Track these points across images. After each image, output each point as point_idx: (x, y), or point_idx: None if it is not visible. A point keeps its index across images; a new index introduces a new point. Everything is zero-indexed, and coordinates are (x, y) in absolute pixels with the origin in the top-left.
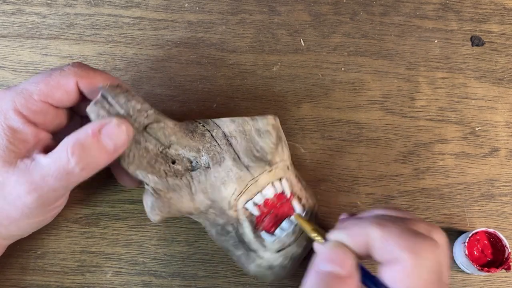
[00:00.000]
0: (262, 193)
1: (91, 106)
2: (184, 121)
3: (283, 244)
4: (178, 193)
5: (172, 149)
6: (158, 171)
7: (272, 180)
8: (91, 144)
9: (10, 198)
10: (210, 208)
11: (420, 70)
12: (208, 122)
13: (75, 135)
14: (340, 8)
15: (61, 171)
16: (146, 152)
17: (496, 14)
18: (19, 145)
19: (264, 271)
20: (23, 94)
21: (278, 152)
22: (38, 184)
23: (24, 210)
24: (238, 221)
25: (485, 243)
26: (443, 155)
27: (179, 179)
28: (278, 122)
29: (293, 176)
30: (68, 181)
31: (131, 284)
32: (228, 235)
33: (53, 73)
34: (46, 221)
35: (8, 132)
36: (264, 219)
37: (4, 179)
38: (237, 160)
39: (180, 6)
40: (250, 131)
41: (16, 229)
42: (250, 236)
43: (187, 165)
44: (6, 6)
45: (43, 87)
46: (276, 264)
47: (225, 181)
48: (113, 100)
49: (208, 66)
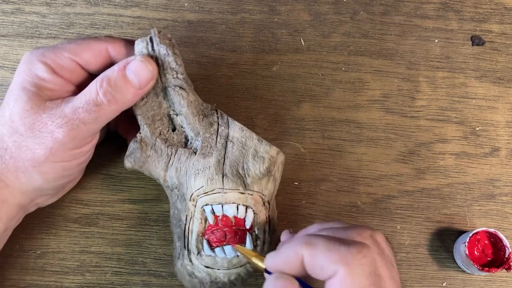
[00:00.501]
0: (223, 206)
1: (139, 41)
2: (206, 103)
3: (213, 264)
4: (157, 156)
5: (179, 118)
6: (155, 127)
7: (239, 203)
8: (117, 78)
9: (40, 135)
10: (176, 188)
11: (420, 70)
12: (224, 117)
13: (104, 72)
14: (340, 7)
15: (90, 102)
16: (158, 107)
17: (497, 13)
18: (46, 91)
19: (184, 274)
20: (54, 49)
21: (260, 183)
22: (69, 117)
23: (53, 147)
24: (193, 216)
25: (486, 243)
26: (444, 155)
27: (166, 146)
28: (281, 159)
29: (264, 214)
30: (98, 113)
31: (131, 284)
32: (179, 223)
33: (87, 38)
34: (70, 171)
35: (36, 80)
36: (214, 232)
37: (34, 119)
38: (220, 163)
39: (180, 5)
40: (249, 148)
41: (38, 176)
42: (194, 236)
43: (182, 140)
44: (5, 5)
45: (74, 46)
46: (197, 276)
47: (198, 173)
48: (157, 47)
49: (208, 65)
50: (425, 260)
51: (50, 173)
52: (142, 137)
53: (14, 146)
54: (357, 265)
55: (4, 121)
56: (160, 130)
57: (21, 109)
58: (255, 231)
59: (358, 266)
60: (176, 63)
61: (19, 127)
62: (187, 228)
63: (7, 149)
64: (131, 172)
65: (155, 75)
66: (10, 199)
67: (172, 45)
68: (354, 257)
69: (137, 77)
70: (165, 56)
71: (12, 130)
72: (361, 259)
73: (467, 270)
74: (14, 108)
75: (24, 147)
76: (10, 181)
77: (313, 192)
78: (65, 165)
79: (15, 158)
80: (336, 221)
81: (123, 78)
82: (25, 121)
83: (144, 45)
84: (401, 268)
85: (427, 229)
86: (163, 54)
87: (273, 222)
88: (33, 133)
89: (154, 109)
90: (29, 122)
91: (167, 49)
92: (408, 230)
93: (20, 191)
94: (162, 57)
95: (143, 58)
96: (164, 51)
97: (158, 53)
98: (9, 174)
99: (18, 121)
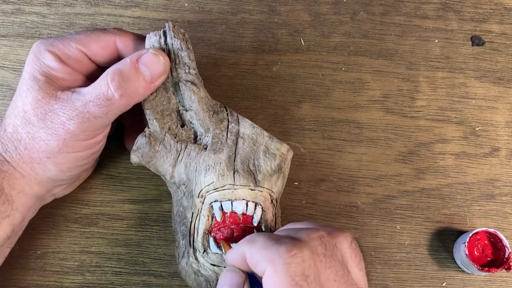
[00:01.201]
0: (233, 203)
1: (151, 34)
2: (216, 100)
3: (220, 262)
4: (166, 152)
5: (188, 114)
6: (164, 123)
7: (249, 199)
8: (129, 72)
9: (52, 126)
10: (183, 184)
11: (420, 70)
12: (234, 114)
13: (115, 65)
14: (340, 7)
15: (101, 97)
16: (167, 102)
17: (497, 14)
18: (56, 80)
19: (189, 272)
20: (62, 39)
21: (270, 180)
22: (80, 110)
23: (65, 138)
24: (199, 213)
25: (486, 243)
26: (443, 155)
27: (175, 141)
28: (290, 157)
29: (271, 212)
30: (109, 108)
31: (131, 284)
32: (183, 221)
33: (96, 29)
34: (84, 161)
35: (45, 68)
36: (220, 229)
37: (46, 109)
38: (231, 159)
39: (180, 6)
40: (260, 145)
41: (53, 167)
42: (200, 234)
43: (191, 136)
44: (6, 5)
45: (82, 37)
46: (203, 274)
47: (208, 169)
48: (170, 41)
49: (208, 66)
50: (425, 260)
51: (64, 163)
52: (151, 132)
53: (28, 137)
54: (282, 264)
55: (18, 111)
56: (169, 125)
57: (33, 99)
58: (262, 228)
59: (284, 265)
60: (189, 58)
61: (31, 117)
62: (193, 226)
63: (21, 141)
64: (131, 172)
65: (167, 69)
66: (27, 189)
67: (185, 39)
68: (280, 256)
69: (150, 70)
70: (178, 51)
71: (25, 120)
72: (287, 258)
73: (467, 270)
74: (26, 98)
75: (38, 138)
76: (25, 172)
77: (313, 192)
78: (79, 155)
79: (30, 149)
80: (307, 222)
81: (136, 71)
82: (37, 111)
83: (157, 39)
84: (401, 268)
85: (427, 229)
86: (177, 48)
87: (278, 220)
88: (45, 123)
89: (164, 104)
90: (41, 113)
91: (181, 44)
92: (408, 230)
93: (36, 181)
94: (176, 51)
95: (156, 51)
96: (178, 45)
97: (172, 47)
98: (25, 165)
99: (31, 111)
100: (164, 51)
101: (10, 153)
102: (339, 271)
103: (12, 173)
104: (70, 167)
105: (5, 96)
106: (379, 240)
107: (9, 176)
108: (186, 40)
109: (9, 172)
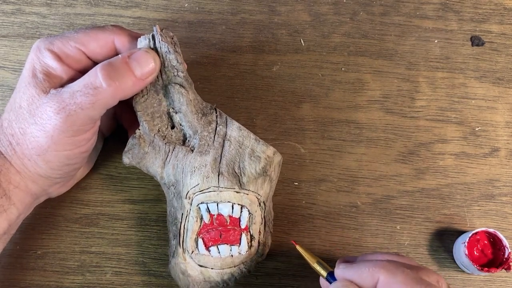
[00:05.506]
0: (219, 205)
1: (141, 38)
2: (206, 102)
3: (207, 263)
4: (155, 153)
5: (178, 116)
6: (154, 124)
7: (235, 202)
8: (120, 64)
9: (41, 122)
10: (172, 185)
11: (420, 70)
12: (223, 116)
13: (107, 60)
14: (340, 8)
15: (89, 85)
16: (158, 104)
17: (496, 14)
18: (53, 78)
19: (178, 272)
20: (62, 37)
21: (256, 183)
22: (66, 102)
23: (53, 135)
24: (188, 214)
25: (485, 243)
26: (443, 155)
27: (164, 143)
28: (277, 159)
29: (259, 215)
30: (95, 97)
31: (131, 284)
32: (174, 221)
33: (94, 28)
34: (73, 159)
35: (44, 67)
36: (208, 231)
37: (37, 104)
38: (216, 161)
39: (180, 6)
40: (246, 148)
41: (43, 164)
42: (189, 235)
43: (180, 138)
44: (6, 6)
45: (81, 35)
46: (191, 274)
47: (194, 171)
48: (158, 44)
49: (208, 66)
50: (425, 260)
51: (54, 161)
52: (141, 133)
53: (20, 133)
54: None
55: (14, 107)
56: (159, 127)
57: (29, 95)
58: (250, 231)
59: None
60: (177, 61)
61: (25, 113)
62: (182, 226)
63: (14, 135)
64: (131, 172)
65: (157, 68)
66: (22, 185)
67: (173, 43)
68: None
69: (140, 65)
70: (166, 54)
71: (19, 116)
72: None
73: (466, 270)
74: (24, 94)
75: (29, 133)
76: (20, 168)
77: (313, 192)
78: (68, 154)
79: (21, 144)
80: (395, 255)
81: (126, 64)
82: (30, 107)
83: (146, 43)
84: None
85: (426, 229)
86: (165, 51)
87: (269, 223)
88: (35, 119)
89: (154, 106)
90: (33, 109)
91: (168, 47)
92: (408, 230)
93: (30, 178)
94: (164, 54)
95: (148, 50)
96: (165, 49)
97: (160, 50)
98: (18, 161)
99: (25, 107)
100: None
101: (5, 147)
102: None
103: (8, 167)
104: (60, 165)
105: (5, 96)
106: (379, 240)
107: (6, 170)
108: (174, 44)
109: (6, 166)
